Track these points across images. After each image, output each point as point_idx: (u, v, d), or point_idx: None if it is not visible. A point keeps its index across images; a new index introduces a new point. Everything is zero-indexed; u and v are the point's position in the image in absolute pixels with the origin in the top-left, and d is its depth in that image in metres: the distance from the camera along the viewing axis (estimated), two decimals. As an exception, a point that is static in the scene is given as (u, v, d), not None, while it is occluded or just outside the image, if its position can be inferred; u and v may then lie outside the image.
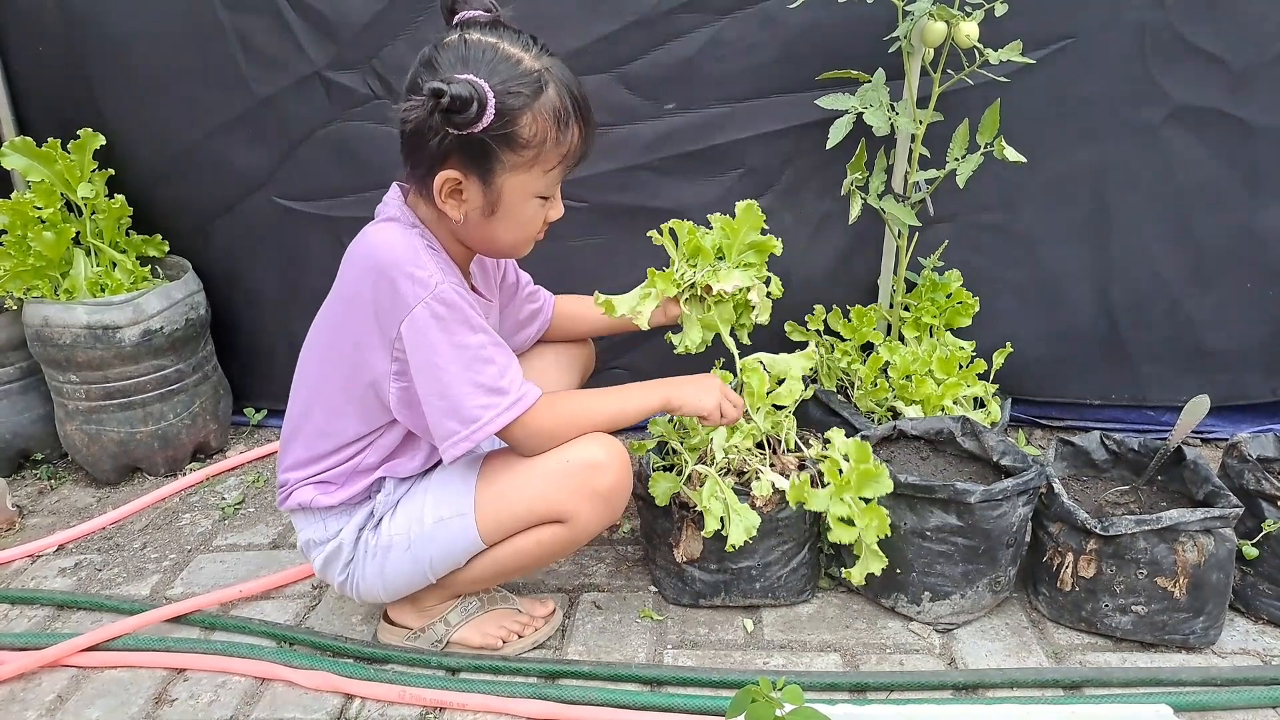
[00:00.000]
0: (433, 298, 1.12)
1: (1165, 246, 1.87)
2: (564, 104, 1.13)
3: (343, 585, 1.33)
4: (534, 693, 1.29)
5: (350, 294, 1.19)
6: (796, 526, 1.43)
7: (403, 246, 1.15)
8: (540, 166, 1.15)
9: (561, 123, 1.13)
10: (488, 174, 1.14)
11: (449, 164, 1.13)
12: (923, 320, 1.84)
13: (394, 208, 1.22)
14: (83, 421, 1.89)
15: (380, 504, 1.29)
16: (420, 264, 1.13)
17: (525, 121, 1.11)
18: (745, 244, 1.44)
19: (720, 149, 1.85)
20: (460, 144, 1.11)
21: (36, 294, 1.85)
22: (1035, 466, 1.39)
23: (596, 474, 1.22)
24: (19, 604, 1.56)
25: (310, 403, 1.28)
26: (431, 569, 1.29)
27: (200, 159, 1.95)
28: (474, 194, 1.16)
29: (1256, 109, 1.75)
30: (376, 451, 1.28)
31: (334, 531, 1.30)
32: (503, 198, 1.16)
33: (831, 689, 1.29)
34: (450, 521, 1.25)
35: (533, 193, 1.18)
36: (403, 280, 1.13)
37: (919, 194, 1.73)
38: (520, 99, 1.10)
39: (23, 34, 1.92)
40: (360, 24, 1.80)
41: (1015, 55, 1.57)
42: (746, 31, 1.76)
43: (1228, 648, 1.37)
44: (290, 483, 1.31)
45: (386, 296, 1.14)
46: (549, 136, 1.13)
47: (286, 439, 1.32)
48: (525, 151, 1.13)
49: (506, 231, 1.21)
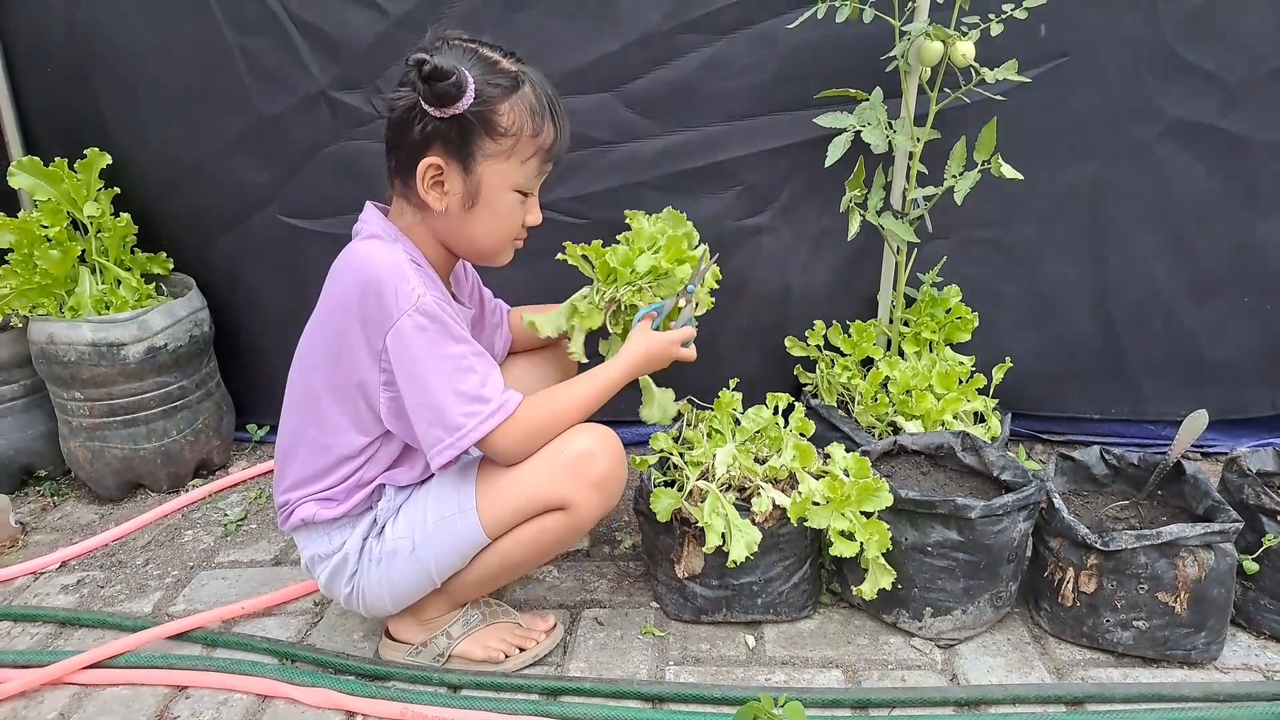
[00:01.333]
0: (416, 309, 1.16)
1: (1163, 261, 1.88)
2: (539, 100, 1.21)
3: (348, 599, 1.34)
4: (536, 709, 1.29)
5: (337, 308, 1.22)
6: (798, 542, 1.43)
7: (387, 260, 1.18)
8: (518, 156, 1.21)
9: (537, 116, 1.21)
10: (468, 159, 1.20)
11: (431, 150, 1.19)
12: (922, 335, 1.85)
13: (375, 225, 1.26)
14: (86, 438, 1.90)
15: (382, 511, 1.31)
16: (404, 277, 1.17)
17: (503, 110, 1.18)
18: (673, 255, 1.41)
19: (720, 166, 1.87)
20: (442, 130, 1.17)
21: (42, 311, 1.86)
22: (1036, 481, 1.40)
23: (589, 463, 1.25)
24: (21, 621, 1.56)
25: (304, 421, 1.29)
26: (436, 569, 1.30)
27: (205, 177, 1.97)
28: (455, 183, 1.21)
29: (1251, 124, 1.76)
30: (376, 465, 1.29)
31: (338, 544, 1.31)
32: (482, 187, 1.22)
33: (833, 706, 1.29)
34: (452, 519, 1.27)
35: (511, 184, 1.23)
36: (387, 293, 1.16)
37: (917, 211, 1.74)
38: (498, 89, 1.18)
39: (30, 54, 1.94)
40: (364, 44, 1.82)
41: (1011, 74, 1.59)
42: (746, 51, 1.78)
43: (1230, 663, 1.37)
44: (291, 502, 1.32)
45: (373, 309, 1.17)
46: (525, 127, 1.20)
47: (283, 459, 1.33)
48: (503, 140, 1.19)
49: (485, 225, 1.25)
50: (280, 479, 1.34)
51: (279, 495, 1.34)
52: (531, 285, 1.62)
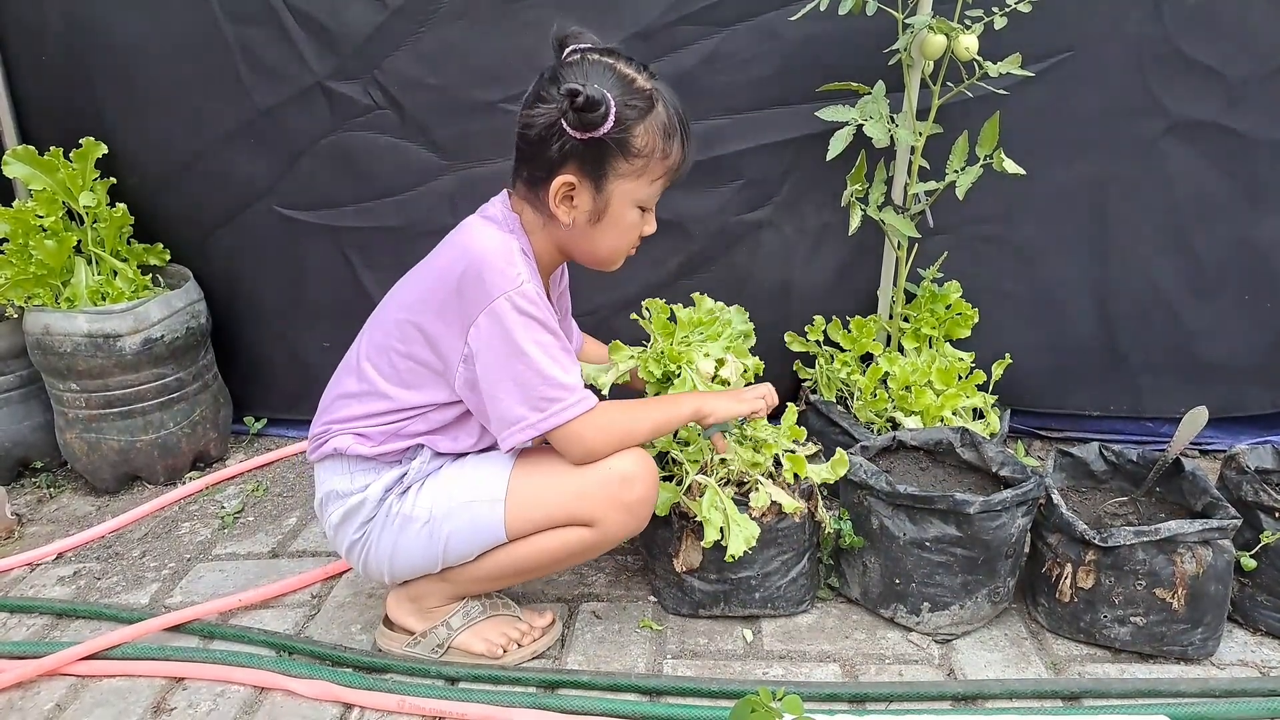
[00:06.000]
0: (516, 292, 1.19)
1: (1164, 258, 1.88)
2: (672, 120, 1.23)
3: (353, 546, 1.33)
4: (533, 702, 1.29)
5: (441, 272, 1.25)
6: (796, 537, 1.43)
7: (498, 243, 1.22)
8: (648, 176, 1.24)
9: (669, 136, 1.22)
10: (601, 179, 1.22)
11: (567, 169, 1.21)
12: (922, 331, 1.84)
13: (497, 210, 1.29)
14: (83, 430, 1.89)
15: (414, 471, 1.31)
16: (511, 261, 1.21)
17: (638, 132, 1.20)
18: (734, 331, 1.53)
19: (721, 160, 1.86)
20: (579, 150, 1.19)
21: (38, 302, 1.85)
22: (1034, 478, 1.40)
23: (627, 486, 1.27)
24: (17, 612, 1.56)
25: (370, 363, 1.30)
26: (445, 552, 1.29)
27: (202, 168, 1.96)
28: (585, 199, 1.23)
29: (1254, 122, 1.76)
30: (424, 423, 1.30)
31: (361, 486, 1.31)
32: (610, 204, 1.24)
33: (831, 699, 1.29)
34: (479, 505, 1.27)
35: (636, 201, 1.26)
36: (491, 272, 1.19)
37: (919, 206, 1.74)
38: (635, 111, 1.19)
39: (26, 43, 1.92)
40: (362, 35, 1.81)
41: (1014, 68, 1.58)
42: (747, 44, 1.78)
43: (1226, 659, 1.38)
44: (329, 432, 1.32)
45: (473, 284, 1.20)
46: (658, 148, 1.22)
47: (333, 393, 1.34)
48: (636, 160, 1.21)
49: (607, 238, 1.28)
50: (324, 411, 1.34)
51: (316, 426, 1.34)
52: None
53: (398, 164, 1.91)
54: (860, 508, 1.46)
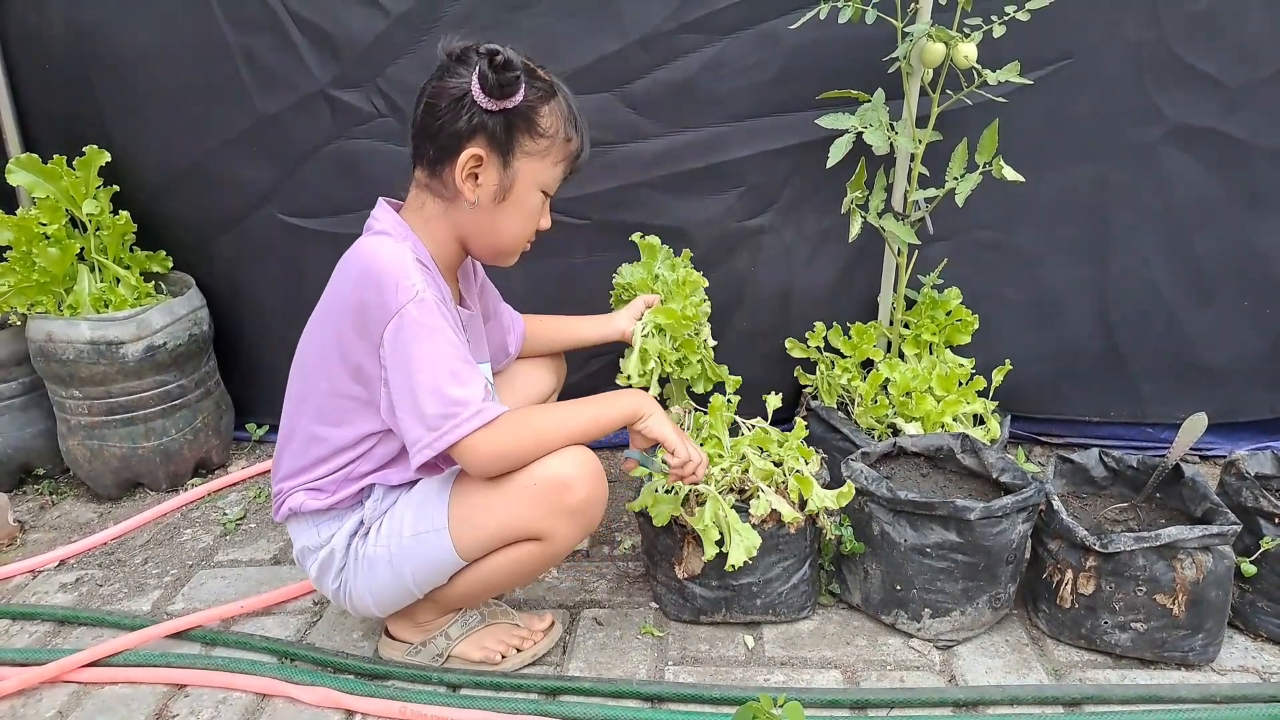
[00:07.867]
0: (414, 303, 1.16)
1: (1163, 264, 1.88)
2: (570, 109, 1.27)
3: (336, 594, 1.34)
4: (535, 709, 1.29)
5: (340, 301, 1.24)
6: (797, 543, 1.43)
7: (393, 256, 1.20)
8: (551, 158, 1.26)
9: (569, 123, 1.26)
10: (508, 155, 1.23)
11: (475, 142, 1.22)
12: (922, 337, 1.85)
13: (387, 222, 1.27)
14: (85, 437, 1.90)
15: (369, 511, 1.30)
16: (407, 274, 1.18)
17: (544, 112, 1.23)
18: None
19: (721, 167, 1.87)
20: (487, 124, 1.20)
21: (40, 309, 1.86)
22: (1035, 484, 1.40)
23: (566, 492, 1.21)
24: (19, 619, 1.56)
25: (302, 412, 1.30)
26: (414, 583, 1.29)
27: (205, 175, 1.96)
28: (491, 175, 1.24)
29: (1252, 128, 1.76)
30: (369, 461, 1.29)
31: (326, 538, 1.31)
32: (516, 183, 1.25)
33: (832, 706, 1.30)
34: (427, 536, 1.26)
35: (540, 184, 1.28)
36: (388, 287, 1.17)
37: (918, 212, 1.74)
38: (540, 93, 1.23)
39: (29, 51, 1.93)
40: (364, 43, 1.82)
41: (1013, 76, 1.59)
42: (747, 51, 1.78)
43: (1227, 665, 1.38)
44: (284, 492, 1.32)
45: (374, 302, 1.18)
46: (561, 130, 1.25)
47: (280, 449, 1.34)
48: (541, 140, 1.24)
49: (512, 222, 1.28)
50: (276, 469, 1.34)
51: (274, 485, 1.34)
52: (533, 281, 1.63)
53: (400, 171, 1.91)
54: (861, 514, 1.46)
